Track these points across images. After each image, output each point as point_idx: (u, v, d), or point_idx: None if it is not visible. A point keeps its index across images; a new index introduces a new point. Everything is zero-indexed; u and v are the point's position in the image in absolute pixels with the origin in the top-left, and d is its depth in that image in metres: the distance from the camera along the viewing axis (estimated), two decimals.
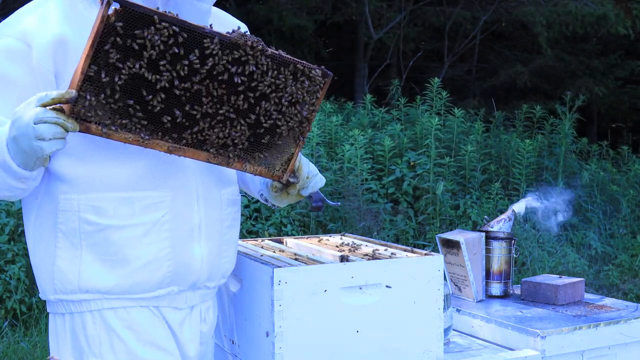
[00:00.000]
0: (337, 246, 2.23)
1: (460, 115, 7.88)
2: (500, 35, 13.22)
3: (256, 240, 2.39)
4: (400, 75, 11.64)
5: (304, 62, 1.69)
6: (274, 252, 2.15)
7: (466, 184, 7.48)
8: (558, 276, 2.75)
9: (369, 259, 1.97)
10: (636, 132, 13.56)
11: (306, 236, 2.47)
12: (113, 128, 1.49)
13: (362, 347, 1.90)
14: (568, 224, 7.83)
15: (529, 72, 11.17)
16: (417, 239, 6.76)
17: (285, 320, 1.80)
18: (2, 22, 1.69)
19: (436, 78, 8.43)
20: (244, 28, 1.90)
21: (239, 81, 1.59)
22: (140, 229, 1.68)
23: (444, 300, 2.04)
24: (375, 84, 11.77)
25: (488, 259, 2.71)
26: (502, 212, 2.90)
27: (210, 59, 1.54)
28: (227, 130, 1.62)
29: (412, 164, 7.22)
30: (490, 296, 2.72)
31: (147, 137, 1.53)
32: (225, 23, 1.90)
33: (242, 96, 1.61)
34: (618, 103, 12.13)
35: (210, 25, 1.56)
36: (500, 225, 2.77)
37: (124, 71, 1.46)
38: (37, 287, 5.39)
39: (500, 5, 11.52)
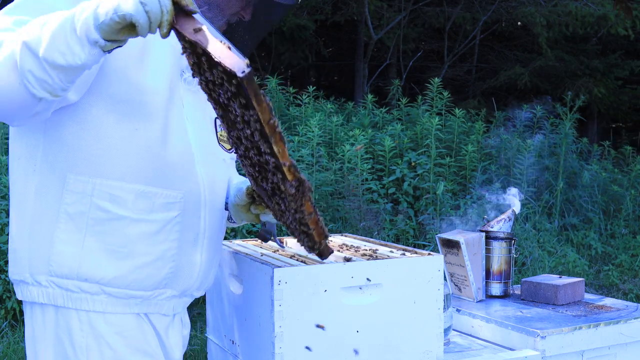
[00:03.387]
0: (337, 246, 2.23)
1: (461, 115, 7.88)
2: (500, 35, 13.22)
3: (256, 240, 2.39)
4: (400, 75, 11.64)
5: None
6: (274, 252, 2.15)
7: (466, 184, 7.48)
8: (558, 276, 2.75)
9: (369, 259, 1.97)
10: (636, 132, 13.56)
11: None
12: None
13: (362, 347, 1.90)
14: (568, 224, 7.83)
15: (529, 72, 11.17)
16: (417, 239, 6.76)
17: (285, 320, 1.80)
18: None
19: (437, 78, 8.43)
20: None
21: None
22: (155, 226, 1.66)
23: (444, 300, 2.04)
24: (376, 84, 11.77)
25: (488, 259, 2.71)
26: (502, 212, 2.90)
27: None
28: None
29: (412, 164, 7.22)
30: (490, 296, 2.72)
31: None
32: None
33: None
34: (618, 103, 12.12)
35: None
36: (500, 225, 2.77)
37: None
38: None
39: (500, 5, 11.51)
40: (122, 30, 1.36)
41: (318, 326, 1.84)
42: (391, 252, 2.09)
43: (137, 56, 1.62)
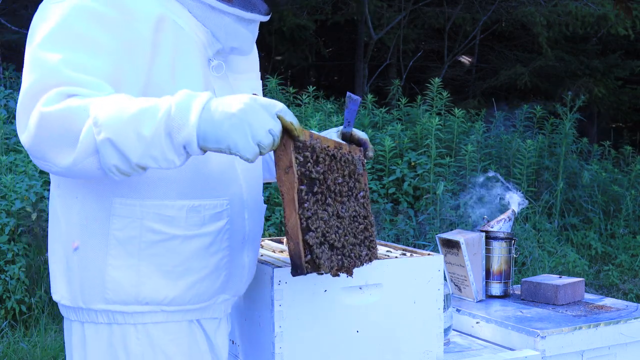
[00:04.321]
0: None
1: (461, 115, 7.88)
2: (500, 35, 13.22)
3: None
4: (400, 75, 11.64)
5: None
6: (274, 252, 2.14)
7: (467, 184, 7.48)
8: (558, 276, 2.75)
9: None
10: (636, 132, 13.56)
11: None
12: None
13: (362, 347, 1.90)
14: (568, 224, 7.83)
15: (529, 72, 11.17)
16: (418, 239, 6.76)
17: (285, 320, 1.80)
18: None
19: (437, 78, 8.43)
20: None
21: None
22: (207, 239, 1.62)
23: (444, 300, 2.04)
24: (376, 84, 11.77)
25: (488, 259, 2.71)
26: (502, 212, 2.90)
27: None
28: None
29: (412, 164, 7.22)
30: (490, 296, 2.72)
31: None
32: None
33: None
34: (618, 103, 12.13)
35: None
36: (500, 225, 2.77)
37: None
38: (37, 287, 5.36)
39: (500, 5, 11.52)
40: None
41: None
42: (391, 252, 2.09)
43: (168, 67, 1.56)
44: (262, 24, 1.79)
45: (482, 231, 2.73)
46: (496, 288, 2.72)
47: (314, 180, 1.50)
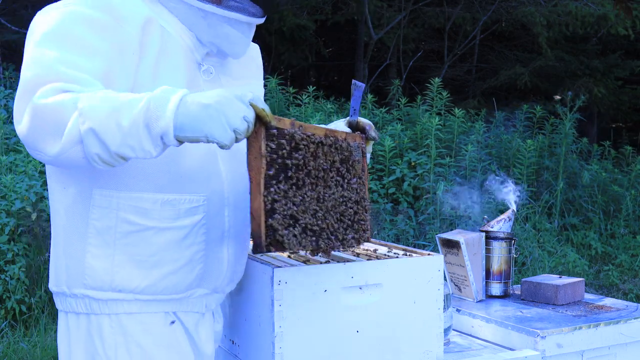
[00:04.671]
0: None
1: (461, 115, 7.88)
2: (500, 35, 13.22)
3: None
4: (400, 75, 11.64)
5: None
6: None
7: (467, 184, 7.48)
8: (558, 276, 2.75)
9: (369, 259, 1.97)
10: (636, 132, 13.56)
11: None
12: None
13: (362, 347, 1.90)
14: (568, 224, 7.83)
15: (529, 72, 11.17)
16: (417, 239, 6.76)
17: (285, 320, 1.80)
18: None
19: (437, 78, 8.43)
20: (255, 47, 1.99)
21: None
22: (182, 232, 1.68)
23: (444, 300, 2.04)
24: (376, 84, 11.77)
25: (488, 259, 2.71)
26: (502, 212, 2.90)
27: None
28: None
29: (412, 164, 7.21)
30: (490, 296, 2.72)
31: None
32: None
33: None
34: (618, 103, 12.13)
35: None
36: (500, 225, 2.77)
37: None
38: (37, 287, 5.38)
39: (500, 5, 11.51)
40: None
41: None
42: (391, 252, 2.09)
43: (151, 68, 1.63)
44: (261, 25, 1.80)
45: (482, 231, 2.73)
46: (496, 288, 2.72)
47: (289, 167, 1.57)
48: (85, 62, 1.50)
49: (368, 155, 1.94)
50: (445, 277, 2.52)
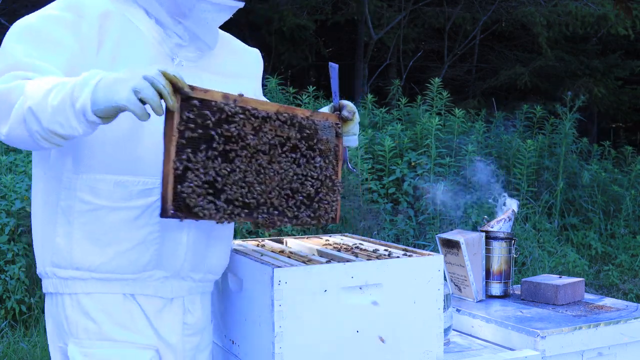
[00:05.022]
0: (335, 245, 2.23)
1: (461, 115, 7.88)
2: (500, 35, 13.22)
3: (256, 240, 2.39)
4: (400, 75, 11.64)
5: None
6: (273, 252, 2.15)
7: (467, 184, 7.48)
8: (558, 276, 2.75)
9: (369, 259, 1.97)
10: (636, 132, 13.56)
11: (306, 236, 2.47)
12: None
13: (362, 347, 1.90)
14: (568, 224, 7.83)
15: (529, 72, 11.17)
16: (417, 239, 6.76)
17: (285, 320, 1.80)
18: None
19: (437, 78, 8.43)
20: (256, 53, 2.09)
21: None
22: (134, 212, 1.76)
23: (444, 300, 2.04)
24: (376, 84, 11.77)
25: (488, 259, 2.71)
26: (502, 212, 2.90)
27: None
28: None
29: (412, 164, 7.21)
30: (490, 296, 2.72)
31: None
32: (236, 49, 2.03)
33: None
34: (618, 103, 12.13)
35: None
36: (500, 225, 2.77)
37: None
38: (37, 286, 5.37)
39: (500, 5, 11.52)
40: (119, 112, 1.53)
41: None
42: (391, 252, 2.09)
43: (109, 58, 1.73)
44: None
45: (482, 231, 2.73)
46: (496, 288, 2.72)
47: (214, 138, 1.61)
48: (49, 54, 1.65)
49: (353, 138, 1.96)
50: (445, 277, 2.52)
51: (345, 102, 1.94)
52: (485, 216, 2.91)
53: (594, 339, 2.29)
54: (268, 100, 1.89)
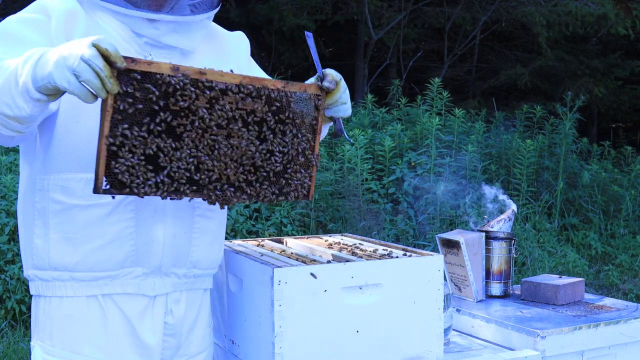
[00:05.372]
0: (333, 244, 2.23)
1: (461, 115, 7.88)
2: (500, 35, 13.22)
3: (256, 240, 2.40)
4: (400, 75, 11.65)
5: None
6: (273, 252, 2.15)
7: (467, 184, 7.48)
8: (558, 276, 2.75)
9: (368, 259, 1.97)
10: (636, 132, 13.56)
11: (306, 236, 2.47)
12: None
13: (362, 347, 1.90)
14: (568, 224, 7.83)
15: (529, 72, 11.17)
16: (417, 239, 6.76)
17: (285, 320, 1.80)
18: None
19: (437, 78, 8.44)
20: (242, 37, 2.05)
21: None
22: (105, 209, 1.75)
23: (444, 300, 2.04)
24: (376, 84, 11.78)
25: (488, 259, 2.71)
26: (502, 212, 2.90)
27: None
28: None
29: (412, 164, 7.22)
30: (490, 296, 2.72)
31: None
32: (221, 40, 2.00)
33: None
34: (618, 103, 12.14)
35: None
36: (500, 225, 2.77)
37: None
38: None
39: (500, 5, 11.52)
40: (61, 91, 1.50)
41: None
42: (391, 252, 2.09)
43: None
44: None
45: (482, 231, 2.73)
46: (496, 288, 2.72)
47: (158, 112, 1.55)
48: (20, 51, 1.63)
49: (344, 107, 1.88)
50: (445, 277, 2.52)
51: (328, 70, 1.86)
52: (486, 216, 2.91)
53: (594, 339, 2.29)
54: (261, 77, 1.79)
